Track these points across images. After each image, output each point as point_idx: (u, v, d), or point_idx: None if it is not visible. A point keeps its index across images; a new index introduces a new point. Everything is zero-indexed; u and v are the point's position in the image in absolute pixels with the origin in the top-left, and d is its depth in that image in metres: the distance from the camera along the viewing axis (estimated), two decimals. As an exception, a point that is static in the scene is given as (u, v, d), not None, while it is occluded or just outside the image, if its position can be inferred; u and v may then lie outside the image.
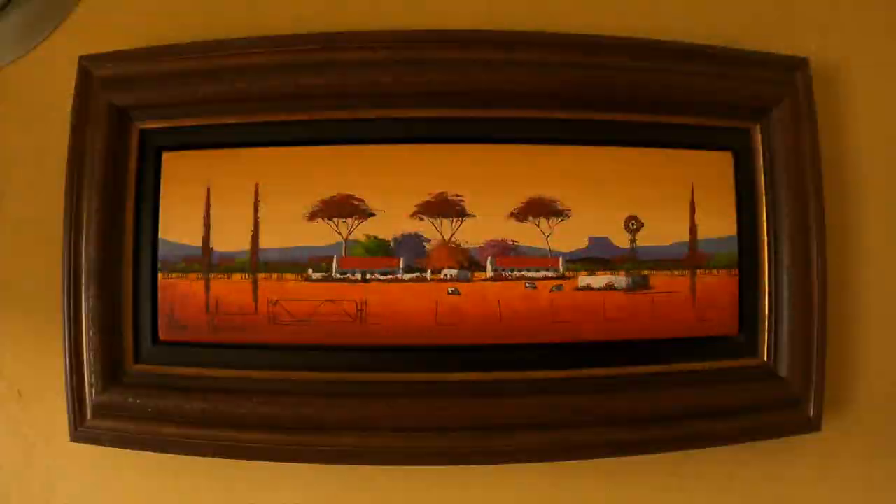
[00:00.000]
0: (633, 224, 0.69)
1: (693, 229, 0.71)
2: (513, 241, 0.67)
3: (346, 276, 0.67)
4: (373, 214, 0.67)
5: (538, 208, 0.67)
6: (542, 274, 0.68)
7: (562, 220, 0.68)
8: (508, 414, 0.67)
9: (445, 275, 0.67)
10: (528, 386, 0.67)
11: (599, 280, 0.69)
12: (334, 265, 0.67)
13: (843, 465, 0.79)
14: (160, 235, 0.69)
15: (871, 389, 0.80)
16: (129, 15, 0.78)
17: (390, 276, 0.67)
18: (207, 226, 0.69)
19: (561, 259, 0.68)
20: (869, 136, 0.80)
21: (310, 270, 0.67)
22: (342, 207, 0.67)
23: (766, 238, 0.73)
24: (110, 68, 0.72)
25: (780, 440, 0.76)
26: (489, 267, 0.67)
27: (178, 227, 0.69)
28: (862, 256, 0.79)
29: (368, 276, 0.67)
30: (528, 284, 0.68)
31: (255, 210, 0.68)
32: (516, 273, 0.67)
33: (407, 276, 0.67)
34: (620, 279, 0.69)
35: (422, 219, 0.67)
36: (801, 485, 0.79)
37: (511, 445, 0.69)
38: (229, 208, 0.68)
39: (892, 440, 0.80)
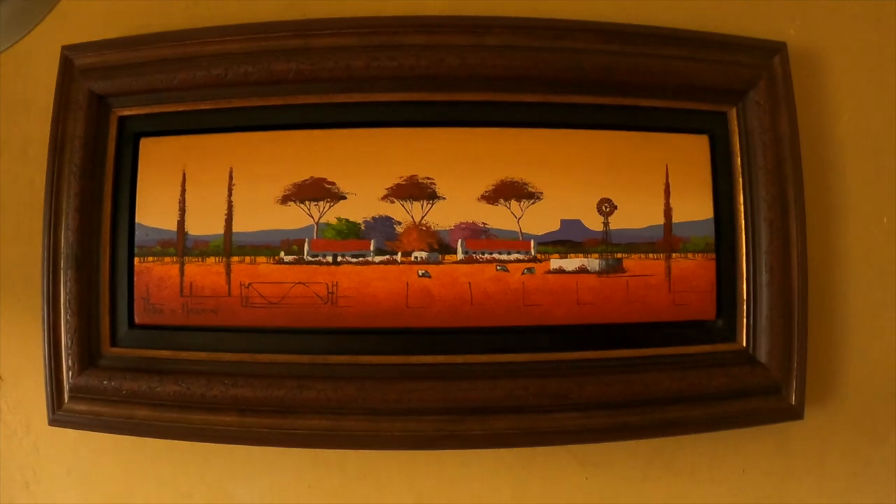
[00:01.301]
0: (606, 207, 0.69)
1: (668, 212, 0.71)
2: (484, 223, 0.67)
3: (317, 259, 0.68)
4: (344, 197, 0.68)
5: (509, 191, 0.67)
6: (513, 257, 0.68)
7: (533, 203, 0.68)
8: (479, 398, 0.67)
9: (416, 257, 0.67)
10: (500, 370, 0.67)
11: (572, 263, 0.68)
12: (306, 248, 0.68)
13: (828, 455, 0.78)
14: (137, 220, 0.70)
15: (855, 378, 0.78)
16: (112, 4, 0.79)
17: (361, 259, 0.67)
18: (183, 210, 0.70)
19: (533, 242, 0.68)
20: (849, 122, 0.79)
21: (282, 253, 0.68)
22: (314, 191, 0.67)
23: (743, 222, 0.72)
24: (91, 57, 0.74)
25: (762, 429, 0.75)
26: (460, 249, 0.67)
27: (154, 211, 0.70)
28: (843, 241, 0.78)
29: (339, 259, 0.67)
30: (499, 267, 0.67)
31: (230, 194, 0.69)
32: (487, 256, 0.67)
33: (378, 259, 0.67)
34: (593, 262, 0.69)
35: (392, 202, 0.67)
36: (784, 475, 0.77)
37: (482, 430, 0.68)
38: (204, 192, 0.69)
39: (878, 430, 0.78)
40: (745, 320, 0.73)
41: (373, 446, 0.69)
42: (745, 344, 0.73)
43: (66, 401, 0.73)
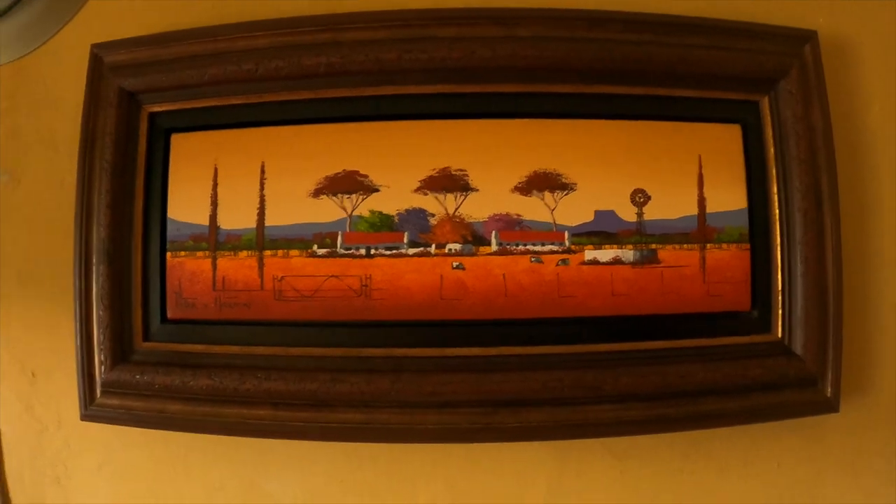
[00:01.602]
0: (639, 197, 0.69)
1: (701, 202, 0.70)
2: (518, 215, 0.67)
3: (350, 252, 0.67)
4: (377, 190, 0.67)
5: (543, 182, 0.67)
6: (547, 248, 0.67)
7: (567, 194, 0.67)
8: (514, 390, 0.67)
9: (450, 249, 0.67)
10: (535, 362, 0.67)
11: (606, 254, 0.68)
12: (339, 241, 0.67)
13: (864, 449, 0.77)
14: (169, 215, 0.70)
15: (892, 371, 0.77)
16: (140, 3, 0.80)
17: (395, 251, 0.67)
18: (215, 204, 0.70)
19: (566, 233, 0.67)
20: (880, 111, 0.78)
21: (315, 246, 0.68)
22: (347, 183, 0.67)
23: (777, 212, 0.71)
24: (120, 54, 0.74)
25: (797, 422, 0.74)
26: (494, 241, 0.67)
27: (186, 206, 0.70)
28: (878, 232, 0.77)
29: (373, 252, 0.67)
30: (533, 258, 0.67)
31: (262, 188, 0.69)
32: (521, 247, 0.67)
33: (411, 251, 0.67)
34: (627, 253, 0.68)
35: (426, 194, 0.67)
36: (820, 469, 0.76)
37: (517, 423, 0.68)
38: (236, 187, 0.69)
39: (916, 423, 0.77)
40: (780, 311, 0.72)
41: (407, 440, 0.68)
42: (780, 335, 0.72)
43: (99, 395, 0.73)
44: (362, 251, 0.67)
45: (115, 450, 0.79)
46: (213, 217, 0.69)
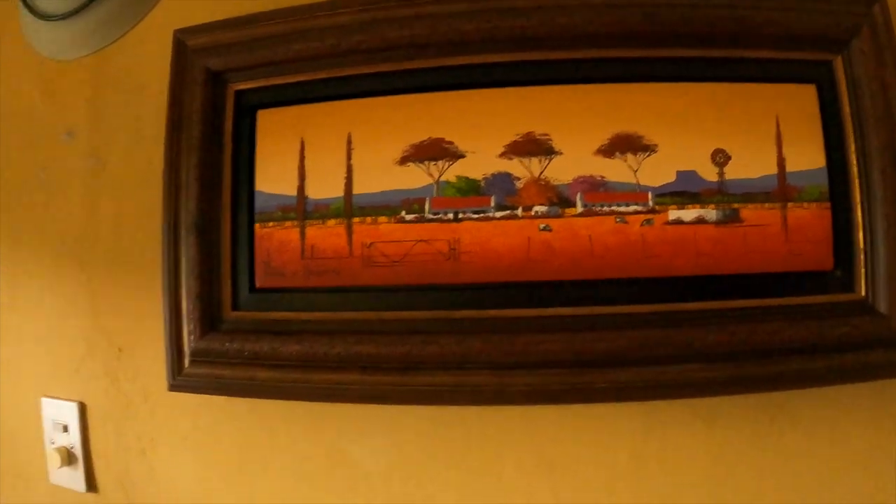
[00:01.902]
0: (720, 157, 0.69)
1: (781, 162, 0.70)
2: (601, 176, 0.68)
3: (438, 217, 0.69)
4: (462, 156, 0.69)
5: (624, 144, 0.68)
6: (631, 208, 0.68)
7: (648, 155, 0.68)
8: (603, 349, 0.67)
9: (536, 211, 0.68)
10: (624, 320, 0.67)
11: (689, 214, 0.68)
12: (427, 206, 0.69)
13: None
14: (257, 188, 0.72)
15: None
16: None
17: (482, 215, 0.68)
18: (302, 176, 0.72)
19: (650, 193, 0.68)
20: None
21: (403, 212, 0.69)
22: (432, 151, 0.69)
23: (856, 170, 0.71)
24: (203, 38, 0.77)
25: (887, 384, 0.74)
26: (579, 202, 0.68)
27: (273, 178, 0.72)
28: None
29: (461, 216, 0.68)
30: (618, 219, 0.68)
31: (348, 157, 0.71)
32: (606, 208, 0.68)
33: (498, 214, 0.68)
34: (710, 213, 0.69)
35: (511, 158, 0.68)
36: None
37: (605, 383, 0.68)
38: (323, 158, 0.71)
39: None
40: (862, 270, 0.71)
41: (497, 402, 0.69)
42: (863, 294, 0.71)
43: (187, 365, 0.75)
44: (450, 216, 0.69)
45: (201, 421, 0.80)
46: (301, 188, 0.71)
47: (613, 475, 0.72)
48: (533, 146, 0.68)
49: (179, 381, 0.75)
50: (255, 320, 0.72)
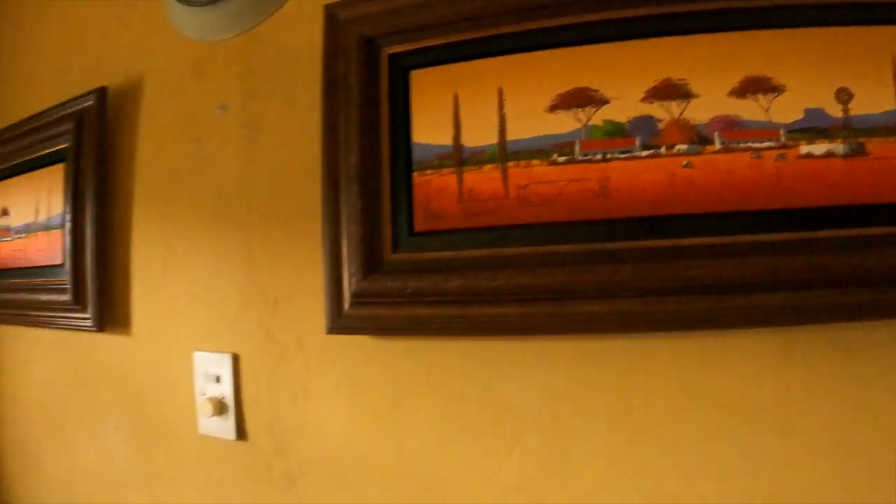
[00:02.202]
0: (844, 95, 0.75)
1: (900, 98, 0.76)
2: (736, 115, 0.74)
3: (588, 158, 0.75)
4: (607, 102, 0.75)
5: (755, 86, 0.74)
6: (765, 144, 0.74)
7: (777, 95, 0.74)
8: (744, 274, 0.72)
9: (678, 149, 0.74)
10: (763, 247, 0.72)
11: (819, 148, 0.74)
12: (577, 148, 0.75)
13: None
14: (413, 140, 0.79)
15: None
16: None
17: (628, 155, 0.74)
18: (457, 126, 0.79)
19: (781, 130, 0.74)
20: None
21: (555, 155, 0.76)
22: (579, 98, 0.76)
23: (968, 103, 0.77)
24: (353, 10, 0.84)
25: None
26: (717, 140, 0.74)
27: (428, 130, 0.80)
28: None
29: (609, 156, 0.75)
30: (753, 154, 0.74)
31: (500, 108, 0.77)
32: (742, 145, 0.74)
33: (643, 153, 0.74)
34: (838, 146, 0.74)
35: (651, 102, 0.75)
36: None
37: (744, 307, 0.73)
38: (476, 110, 0.78)
39: None
40: (979, 195, 0.77)
41: (647, 328, 0.74)
42: (981, 218, 0.76)
43: (347, 308, 0.81)
44: (598, 156, 0.75)
45: (355, 366, 0.86)
46: (457, 137, 0.78)
47: (757, 407, 0.74)
48: (672, 90, 0.74)
49: (339, 322, 0.81)
50: (416, 260, 0.79)
